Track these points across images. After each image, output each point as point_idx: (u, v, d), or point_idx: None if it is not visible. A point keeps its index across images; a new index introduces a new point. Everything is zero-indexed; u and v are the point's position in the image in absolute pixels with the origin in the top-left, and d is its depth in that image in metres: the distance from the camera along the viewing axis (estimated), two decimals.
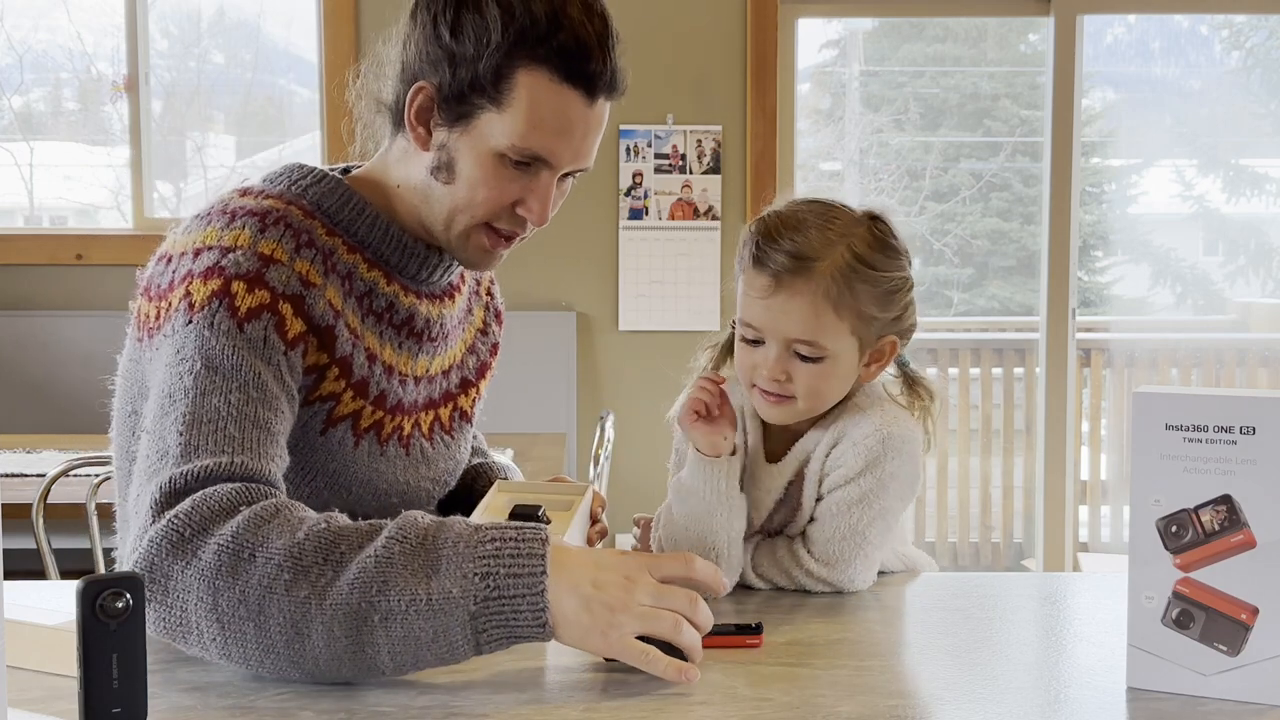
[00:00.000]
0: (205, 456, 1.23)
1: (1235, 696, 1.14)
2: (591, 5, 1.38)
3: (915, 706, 1.16)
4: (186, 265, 1.35)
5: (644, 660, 1.16)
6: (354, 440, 1.43)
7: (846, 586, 1.49)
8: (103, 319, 4.02)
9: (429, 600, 1.12)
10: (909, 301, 1.51)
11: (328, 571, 1.14)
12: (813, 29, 6.44)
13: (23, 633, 1.22)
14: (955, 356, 5.39)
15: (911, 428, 1.51)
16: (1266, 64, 6.61)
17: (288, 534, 1.16)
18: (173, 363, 1.30)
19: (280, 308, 1.32)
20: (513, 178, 1.40)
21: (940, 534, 5.23)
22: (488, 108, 1.37)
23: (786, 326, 1.44)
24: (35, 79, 4.94)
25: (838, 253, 1.43)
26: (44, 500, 2.20)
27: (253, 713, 1.12)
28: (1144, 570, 1.17)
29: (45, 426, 3.85)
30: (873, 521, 1.48)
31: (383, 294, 1.45)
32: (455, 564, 1.13)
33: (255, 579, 1.14)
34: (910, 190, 6.93)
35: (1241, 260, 7.20)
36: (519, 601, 1.13)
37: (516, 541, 1.15)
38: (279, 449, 1.30)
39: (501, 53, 1.35)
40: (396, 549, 1.14)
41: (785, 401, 1.48)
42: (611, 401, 3.97)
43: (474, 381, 1.64)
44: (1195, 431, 1.14)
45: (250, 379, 1.28)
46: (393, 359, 1.46)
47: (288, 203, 1.41)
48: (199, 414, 1.26)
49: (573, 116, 1.38)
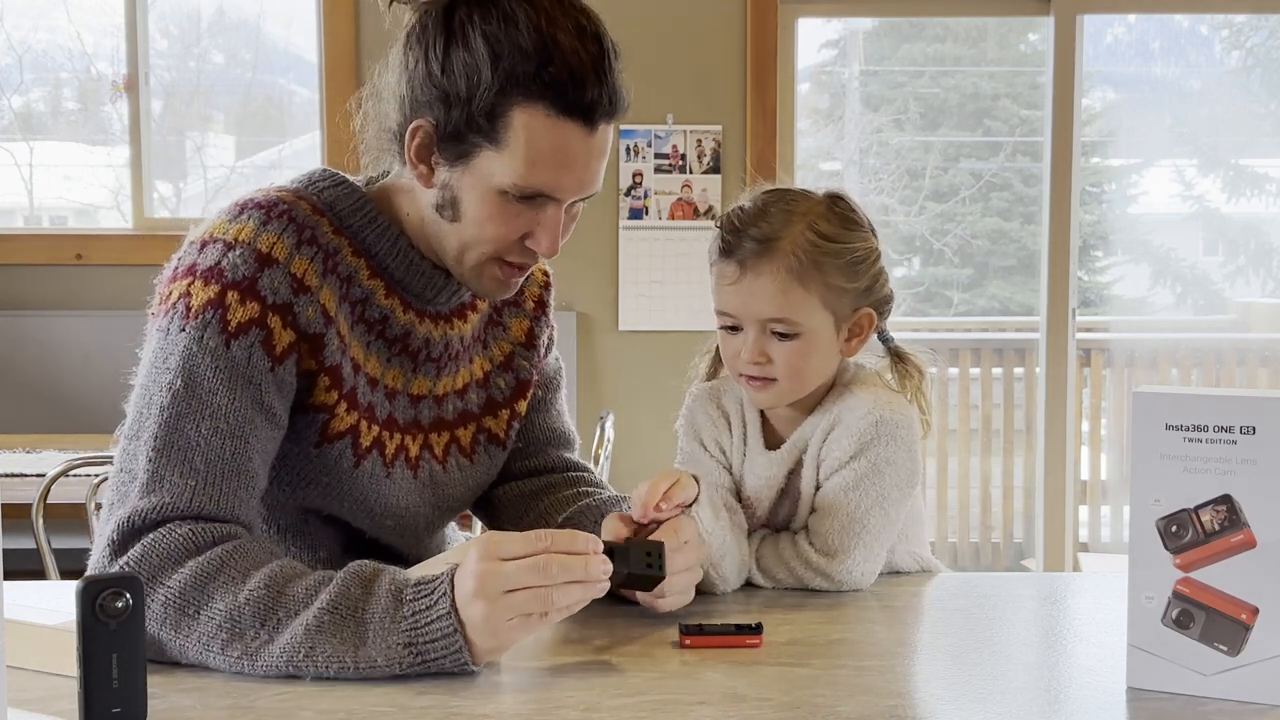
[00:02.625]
0: (166, 492, 1.27)
1: (1235, 696, 1.14)
2: (584, 28, 1.33)
3: (915, 706, 1.16)
4: (192, 256, 1.36)
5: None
6: (354, 459, 1.42)
7: (846, 580, 1.48)
8: (102, 319, 4.02)
9: (356, 667, 1.19)
10: (878, 272, 1.52)
11: (262, 634, 1.20)
12: (813, 29, 6.44)
13: (23, 633, 1.22)
14: (955, 356, 5.39)
15: (906, 412, 1.51)
16: (1266, 64, 6.61)
17: (230, 594, 1.22)
18: (158, 365, 1.32)
19: (269, 321, 1.32)
20: (518, 212, 1.37)
21: (940, 534, 5.23)
22: (486, 146, 1.34)
23: (758, 307, 1.47)
24: (35, 79, 4.94)
25: (797, 230, 1.47)
26: (44, 500, 2.20)
27: (253, 713, 1.12)
28: (1144, 570, 1.17)
29: (45, 426, 3.85)
30: (871, 509, 1.48)
31: (378, 305, 1.43)
32: (380, 636, 1.19)
33: (195, 635, 1.22)
34: (910, 190, 6.93)
35: (1241, 260, 7.20)
36: (442, 661, 1.19)
37: (428, 609, 1.19)
38: (245, 480, 1.32)
39: (494, 91, 1.31)
40: (327, 619, 1.20)
41: (769, 384, 1.49)
42: (611, 401, 3.97)
43: (505, 403, 1.59)
44: (1195, 431, 1.14)
45: (225, 406, 1.30)
46: (378, 372, 1.44)
47: (299, 197, 1.41)
48: (170, 440, 1.29)
49: (573, 149, 1.34)
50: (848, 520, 1.48)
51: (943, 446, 5.26)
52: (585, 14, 1.35)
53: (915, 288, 7.01)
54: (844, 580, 1.49)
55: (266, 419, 1.33)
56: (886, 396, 1.52)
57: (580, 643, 1.32)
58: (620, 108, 1.37)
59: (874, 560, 1.50)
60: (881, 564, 1.53)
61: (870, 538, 1.48)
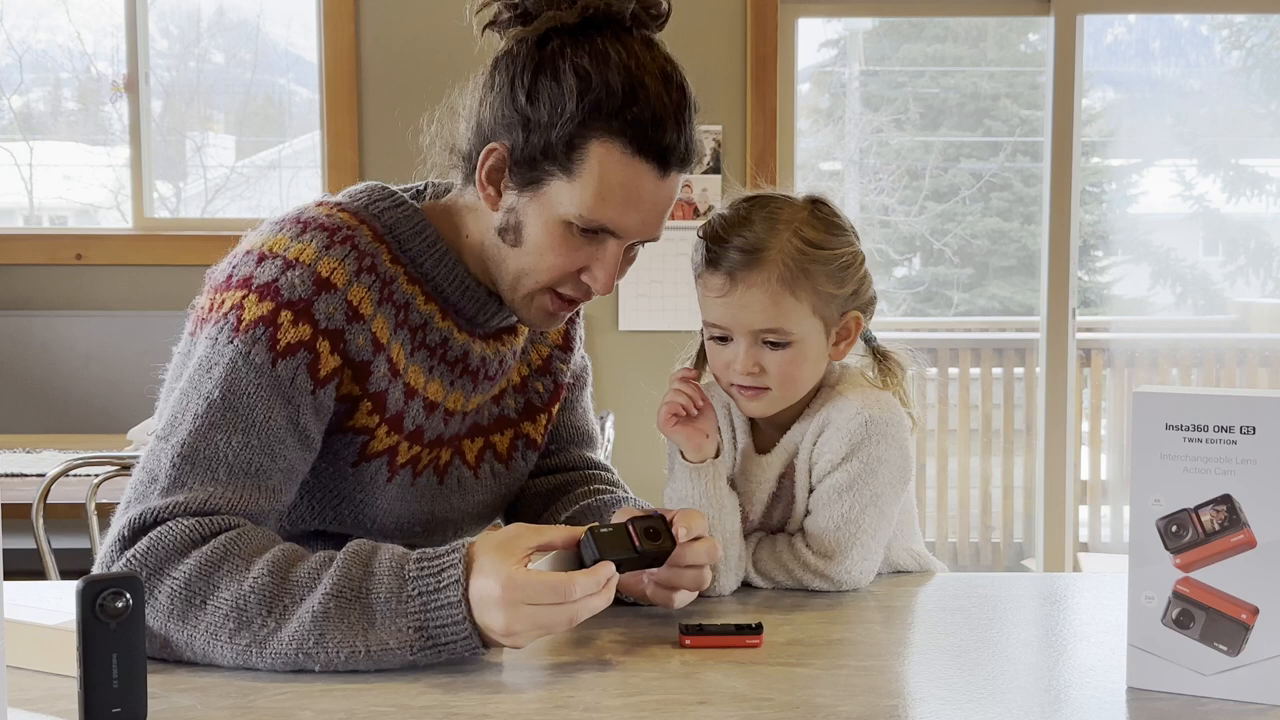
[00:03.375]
0: (182, 496, 1.28)
1: (1235, 696, 1.14)
2: (670, 76, 1.36)
3: (915, 706, 1.16)
4: (248, 268, 1.35)
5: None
6: (388, 475, 1.44)
7: (844, 580, 1.49)
8: (102, 319, 4.02)
9: (368, 652, 1.20)
10: (863, 275, 1.53)
11: (270, 623, 1.21)
12: (813, 29, 6.44)
13: (22, 633, 1.22)
14: (955, 356, 5.39)
15: (894, 410, 1.52)
16: (1266, 64, 6.61)
17: (235, 582, 1.22)
18: (201, 372, 1.33)
19: (318, 345, 1.33)
20: (579, 246, 1.38)
21: (940, 534, 5.23)
22: (558, 175, 1.35)
23: (749, 319, 1.47)
24: (35, 79, 4.94)
25: (784, 239, 1.47)
26: (44, 500, 2.20)
27: (253, 713, 1.12)
28: (1144, 570, 1.17)
29: (45, 426, 3.85)
30: (865, 509, 1.48)
31: (437, 329, 1.44)
32: (389, 618, 1.20)
33: (203, 625, 1.22)
34: (910, 190, 6.93)
35: (1241, 260, 7.20)
36: (455, 646, 1.21)
37: (436, 591, 1.20)
38: (265, 492, 1.32)
39: (575, 122, 1.33)
40: (333, 604, 1.20)
41: (762, 393, 1.50)
42: (611, 401, 3.96)
43: (544, 407, 1.61)
44: (1195, 431, 1.14)
45: (260, 421, 1.31)
46: (439, 395, 1.45)
47: (361, 221, 1.41)
48: (197, 447, 1.30)
49: (643, 190, 1.36)
50: (843, 521, 1.48)
51: (943, 446, 5.26)
52: (672, 63, 1.38)
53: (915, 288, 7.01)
54: (842, 581, 1.49)
55: (299, 439, 1.34)
56: (874, 396, 1.52)
57: (580, 643, 1.32)
58: (693, 159, 1.39)
59: (871, 559, 1.50)
60: (879, 563, 1.53)
61: (866, 537, 1.49)
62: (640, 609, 1.43)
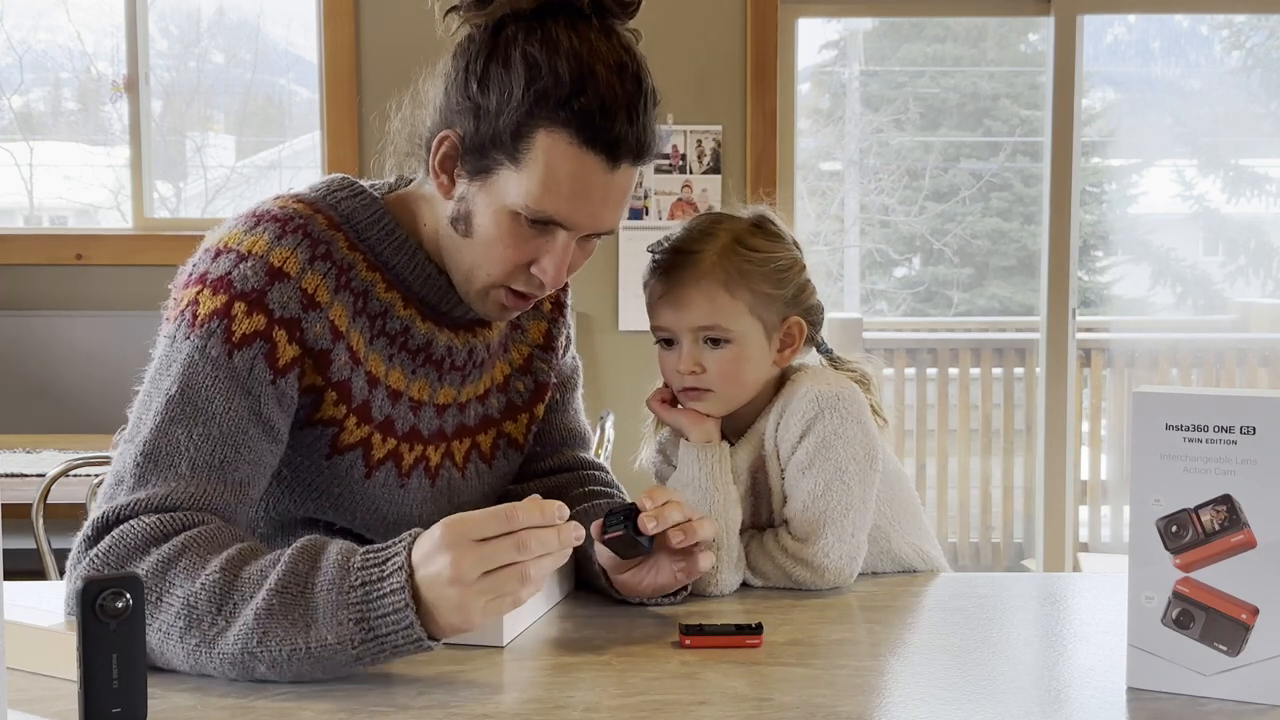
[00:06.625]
0: (145, 492, 1.27)
1: (1235, 696, 1.14)
2: (625, 66, 1.33)
3: (915, 706, 1.16)
4: (204, 264, 1.36)
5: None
6: (365, 470, 1.42)
7: (824, 564, 1.48)
8: (102, 319, 4.02)
9: (308, 650, 1.16)
10: (803, 282, 1.57)
11: (219, 622, 1.18)
12: (813, 29, 6.45)
13: (22, 634, 1.22)
14: (955, 356, 5.40)
15: (845, 386, 1.54)
16: (1266, 64, 6.61)
17: (188, 581, 1.20)
18: (160, 371, 1.33)
19: (275, 335, 1.32)
20: (528, 237, 1.36)
21: (940, 534, 5.23)
22: (506, 164, 1.33)
23: (688, 316, 1.53)
24: (35, 79, 4.94)
25: (720, 241, 1.54)
26: (44, 500, 2.20)
27: (252, 713, 1.12)
28: (1144, 570, 1.17)
29: (45, 426, 3.85)
30: (830, 484, 1.50)
31: (398, 317, 1.43)
32: (329, 613, 1.16)
33: (156, 625, 1.20)
34: (910, 190, 6.94)
35: (1241, 260, 7.21)
36: (395, 637, 1.16)
37: (380, 581, 1.16)
38: (231, 486, 1.30)
39: (522, 111, 1.31)
40: (276, 601, 1.17)
41: (705, 394, 1.54)
42: (611, 401, 3.96)
43: (524, 406, 1.60)
44: (1195, 431, 1.14)
45: (220, 414, 1.30)
46: (402, 384, 1.44)
47: (316, 210, 1.40)
48: (158, 444, 1.29)
49: (591, 181, 1.33)
50: (810, 500, 1.50)
51: (943, 446, 5.26)
52: (630, 53, 1.35)
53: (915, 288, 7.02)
54: (823, 564, 1.48)
55: (263, 431, 1.33)
56: (826, 375, 1.56)
57: (580, 643, 1.32)
58: (648, 152, 1.36)
59: (848, 542, 1.50)
60: (863, 550, 1.52)
61: (838, 515, 1.49)
62: (640, 609, 1.43)
